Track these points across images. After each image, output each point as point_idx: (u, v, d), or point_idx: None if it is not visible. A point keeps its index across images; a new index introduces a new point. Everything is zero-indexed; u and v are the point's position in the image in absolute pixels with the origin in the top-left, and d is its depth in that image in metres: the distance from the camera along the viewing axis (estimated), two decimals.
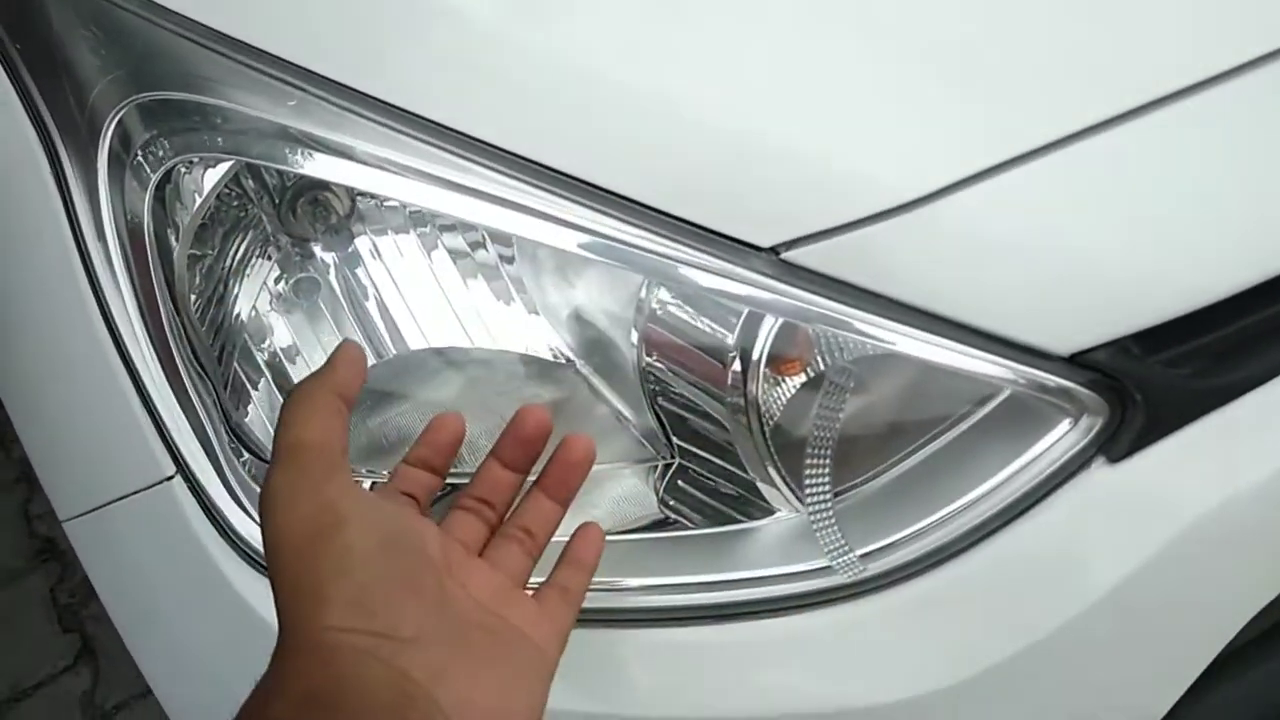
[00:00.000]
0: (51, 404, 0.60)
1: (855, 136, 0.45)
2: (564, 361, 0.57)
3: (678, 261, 0.45)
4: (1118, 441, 0.47)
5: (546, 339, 0.56)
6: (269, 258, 0.56)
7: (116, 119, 0.50)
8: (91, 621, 1.50)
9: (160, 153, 0.49)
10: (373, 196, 0.55)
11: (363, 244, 0.57)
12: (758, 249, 0.44)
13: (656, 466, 0.55)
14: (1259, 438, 0.48)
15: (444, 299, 0.57)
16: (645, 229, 0.46)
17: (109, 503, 0.55)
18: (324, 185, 0.55)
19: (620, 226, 0.46)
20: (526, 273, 0.56)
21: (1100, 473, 0.47)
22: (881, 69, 0.46)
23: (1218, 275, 0.46)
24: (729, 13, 0.47)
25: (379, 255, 0.56)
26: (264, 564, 0.50)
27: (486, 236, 0.54)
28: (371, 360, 0.56)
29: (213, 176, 0.49)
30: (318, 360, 0.56)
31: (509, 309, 0.56)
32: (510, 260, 0.55)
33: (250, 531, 0.49)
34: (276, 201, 0.55)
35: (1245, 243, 0.47)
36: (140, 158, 0.49)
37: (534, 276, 0.56)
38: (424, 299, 0.57)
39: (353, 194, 0.56)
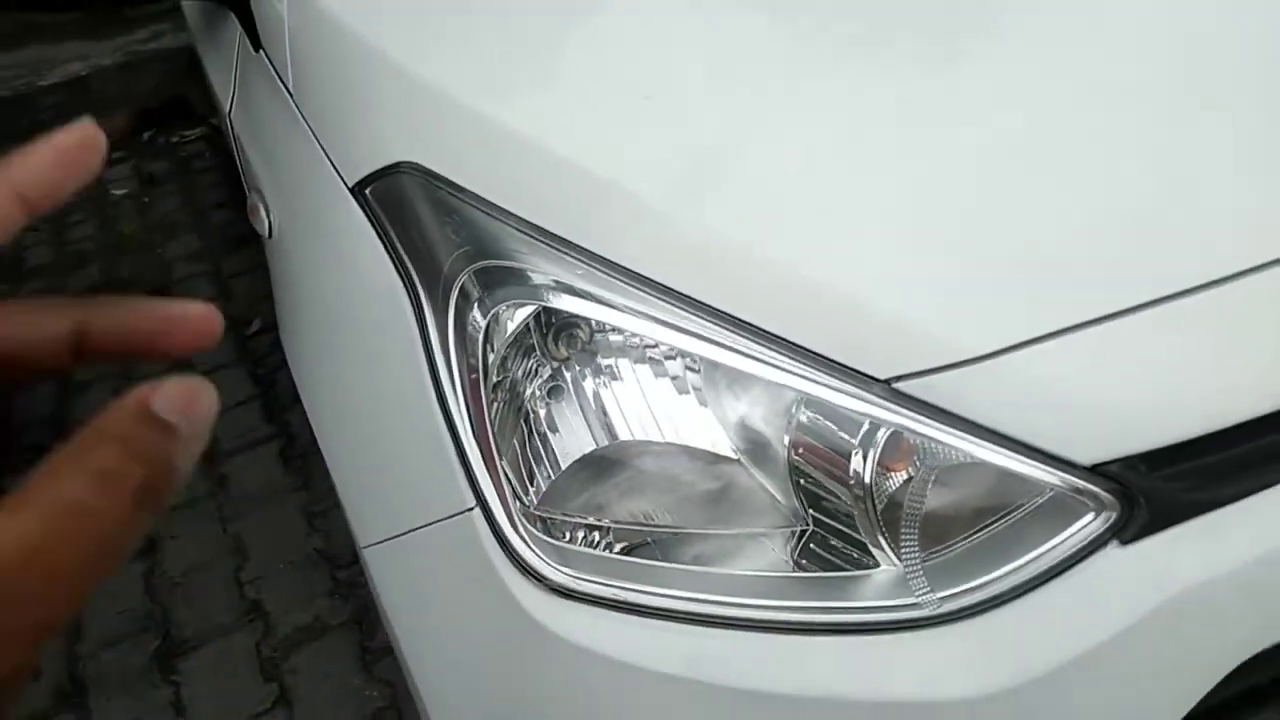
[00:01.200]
0: (374, 454, 0.86)
1: (950, 303, 0.68)
2: (730, 455, 0.80)
3: (822, 385, 0.69)
4: (1127, 530, 0.67)
5: (717, 437, 0.80)
6: (538, 373, 0.82)
7: (461, 281, 0.77)
8: (289, 675, 1.75)
9: (488, 301, 0.76)
10: (604, 330, 0.81)
11: (593, 364, 0.82)
12: (877, 380, 0.68)
13: (795, 533, 0.77)
14: (1234, 537, 0.67)
15: (645, 404, 0.81)
16: (800, 361, 0.70)
17: (413, 529, 0.81)
18: (574, 323, 0.82)
19: (782, 359, 0.70)
20: (708, 390, 0.80)
21: (1113, 551, 0.67)
22: (968, 254, 0.70)
23: (1203, 418, 0.67)
24: (845, 193, 0.72)
25: (603, 371, 0.82)
26: (549, 584, 0.72)
27: (680, 359, 0.79)
28: (593, 446, 0.81)
29: (521, 315, 0.76)
30: (564, 443, 0.81)
31: (692, 415, 0.80)
32: (696, 370, 0.79)
33: (532, 558, 0.73)
34: (544, 333, 0.82)
35: (1229, 394, 0.68)
36: (476, 306, 0.76)
37: (713, 393, 0.80)
38: (631, 403, 0.81)
39: (592, 328, 0.82)
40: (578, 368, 0.83)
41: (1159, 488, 0.67)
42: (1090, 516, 0.68)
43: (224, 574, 1.97)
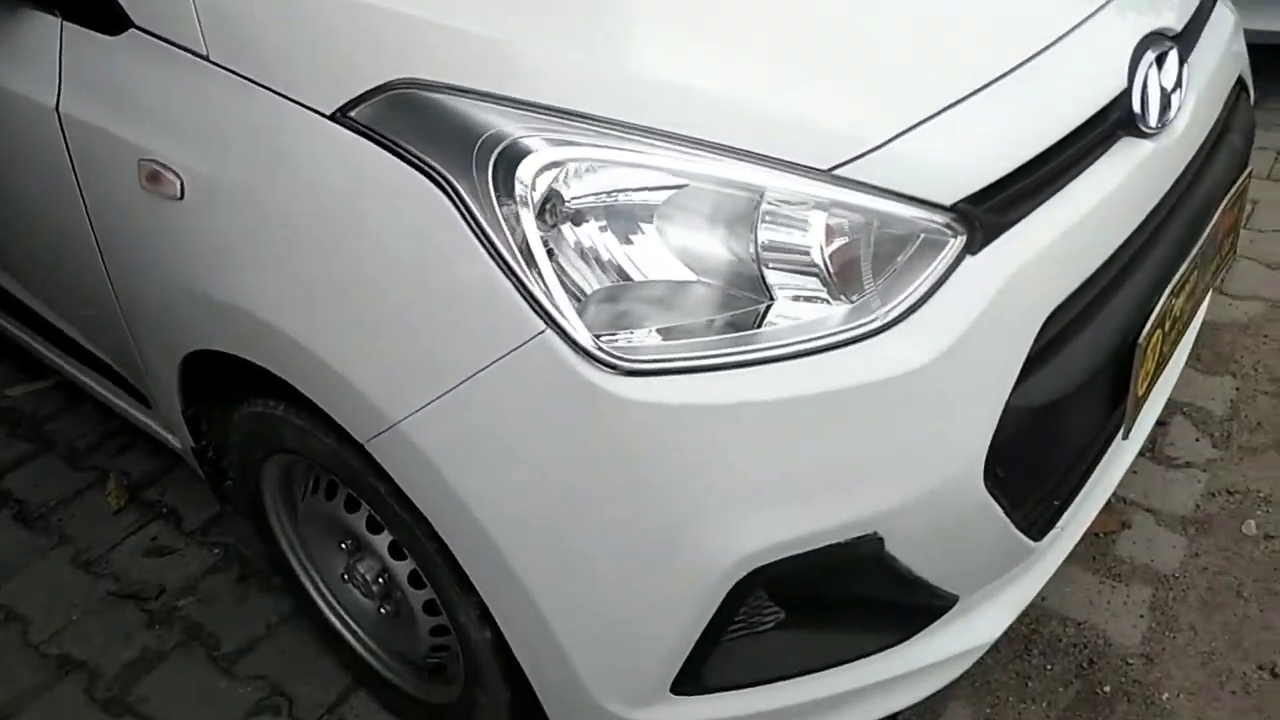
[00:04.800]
0: (400, 330, 1.02)
1: (854, 107, 1.03)
2: (691, 278, 1.07)
3: (787, 177, 0.99)
4: (973, 246, 1.05)
5: (677, 268, 1.05)
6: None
7: (492, 160, 0.97)
8: (141, 704, 1.69)
9: (518, 172, 0.97)
10: (581, 197, 1.03)
11: (574, 228, 1.04)
12: (822, 170, 1.00)
13: (759, 310, 1.06)
14: (1033, 234, 1.08)
15: (617, 254, 1.05)
16: (763, 164, 1.00)
17: (477, 372, 0.98)
18: (553, 196, 1.03)
19: (748, 164, 1.00)
20: (666, 231, 1.06)
21: (969, 261, 1.05)
22: (855, 67, 1.06)
23: (1004, 164, 1.07)
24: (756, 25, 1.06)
25: (579, 231, 1.04)
26: (623, 369, 0.94)
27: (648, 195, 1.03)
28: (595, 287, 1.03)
29: (544, 180, 0.98)
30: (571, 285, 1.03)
31: (656, 255, 1.05)
32: (652, 219, 1.04)
33: (604, 356, 0.95)
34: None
35: (1018, 146, 1.09)
36: (506, 180, 0.97)
37: (672, 231, 1.06)
38: (609, 254, 1.04)
39: (563, 199, 1.04)
40: (561, 231, 1.04)
41: (984, 215, 1.06)
42: (952, 241, 1.05)
43: (8, 642, 1.81)
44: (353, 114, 1.03)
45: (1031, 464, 1.18)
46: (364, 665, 1.59)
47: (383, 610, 1.46)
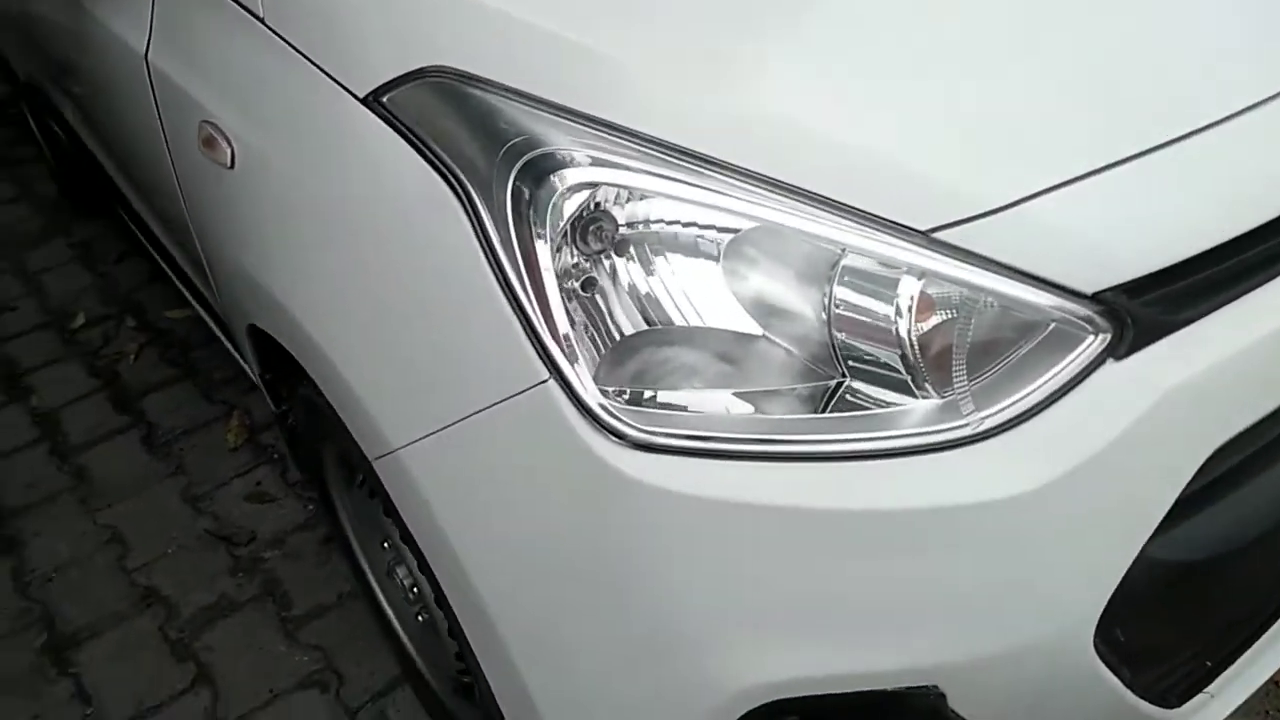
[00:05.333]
0: (410, 353, 0.88)
1: (972, 159, 0.79)
2: (755, 332, 0.88)
3: (870, 237, 0.78)
4: (1119, 348, 0.80)
5: (740, 317, 0.87)
6: (577, 266, 0.86)
7: (514, 172, 0.81)
8: (205, 652, 1.68)
9: (543, 190, 0.80)
10: (632, 224, 0.86)
11: (620, 259, 0.87)
12: (917, 230, 0.77)
13: (828, 386, 0.86)
14: (1201, 347, 0.82)
15: (673, 292, 0.87)
16: (847, 216, 0.79)
17: (475, 412, 0.84)
18: (600, 218, 0.86)
19: (829, 215, 0.79)
20: (731, 271, 0.87)
21: (1111, 366, 0.80)
22: (984, 112, 0.81)
23: (1174, 251, 0.81)
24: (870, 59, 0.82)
25: (634, 260, 0.87)
26: (631, 440, 0.77)
27: (710, 237, 0.84)
28: (631, 331, 0.86)
29: (575, 200, 0.81)
30: (606, 327, 0.86)
31: (717, 299, 0.87)
32: (716, 258, 0.85)
33: (610, 420, 0.78)
34: (575, 229, 0.86)
35: (1192, 231, 0.82)
36: (530, 195, 0.80)
37: (738, 272, 0.87)
38: (660, 291, 0.87)
39: (616, 223, 0.87)
40: (607, 261, 0.88)
41: (1141, 311, 0.81)
42: (1090, 339, 0.80)
43: (105, 564, 1.86)
44: (384, 100, 0.89)
45: (1168, 628, 0.92)
46: (410, 661, 1.51)
47: (420, 619, 1.37)
